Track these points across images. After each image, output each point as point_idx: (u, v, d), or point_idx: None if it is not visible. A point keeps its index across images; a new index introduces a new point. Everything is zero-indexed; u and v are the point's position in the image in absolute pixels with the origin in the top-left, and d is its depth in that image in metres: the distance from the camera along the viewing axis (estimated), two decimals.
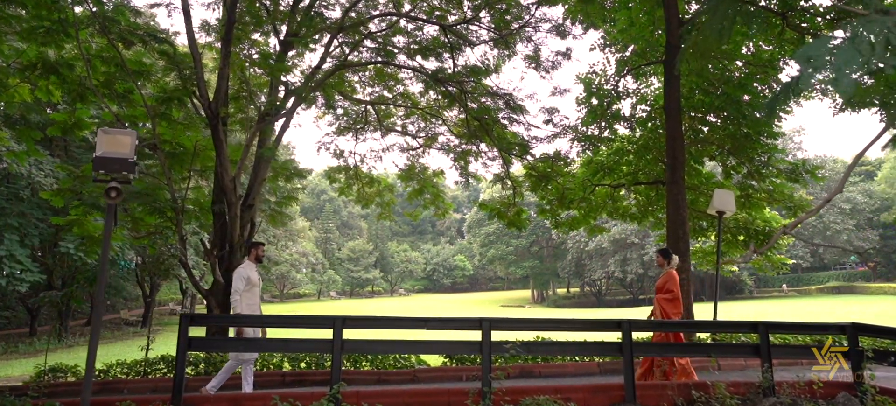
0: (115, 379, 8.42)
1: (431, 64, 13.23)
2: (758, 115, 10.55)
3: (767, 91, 11.83)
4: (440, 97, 14.87)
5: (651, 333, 7.38)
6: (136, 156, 4.35)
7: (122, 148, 4.33)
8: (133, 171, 4.35)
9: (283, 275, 52.10)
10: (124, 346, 22.34)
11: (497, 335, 5.86)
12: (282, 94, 12.20)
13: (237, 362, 6.57)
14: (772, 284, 62.37)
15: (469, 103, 13.01)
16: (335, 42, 12.57)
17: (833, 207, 52.56)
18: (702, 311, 13.30)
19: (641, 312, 40.93)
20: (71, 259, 22.72)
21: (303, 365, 8.95)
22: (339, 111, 16.35)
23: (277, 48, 12.46)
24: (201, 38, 13.91)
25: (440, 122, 15.64)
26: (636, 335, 6.54)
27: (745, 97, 10.85)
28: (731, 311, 33.32)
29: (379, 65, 12.86)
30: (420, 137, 16.35)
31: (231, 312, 6.72)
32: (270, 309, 51.30)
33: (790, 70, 12.21)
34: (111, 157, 4.31)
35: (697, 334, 9.00)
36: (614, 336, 5.89)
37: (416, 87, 20.69)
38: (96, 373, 8.67)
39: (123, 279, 33.89)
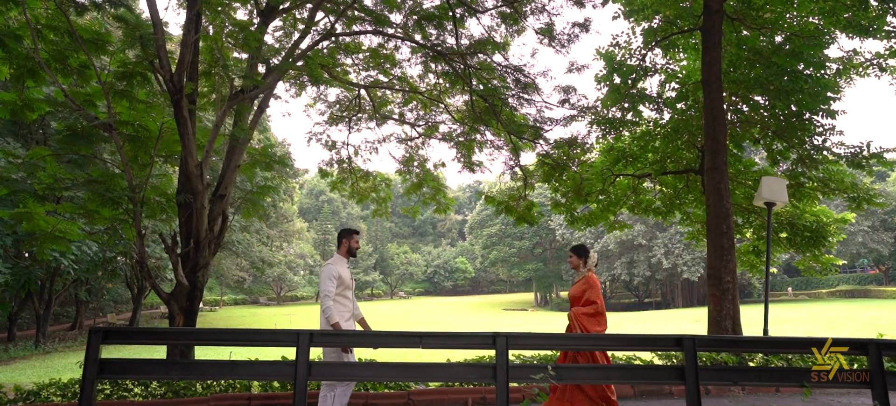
0: (46, 403, 6.93)
1: (432, 39, 11.78)
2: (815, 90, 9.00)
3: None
4: (441, 80, 13.42)
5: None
6: None
7: None
8: None
9: (279, 277, 50.56)
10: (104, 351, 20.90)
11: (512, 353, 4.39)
12: (263, 72, 10.76)
13: (348, 386, 4.94)
14: (778, 288, 60.67)
15: (474, 83, 11.52)
16: (320, 13, 11.10)
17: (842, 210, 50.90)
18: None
19: (647, 316, 39.37)
20: (46, 260, 21.29)
21: (276, 384, 7.48)
22: (331, 98, 14.94)
23: (257, 19, 11.00)
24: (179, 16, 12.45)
25: (441, 109, 14.18)
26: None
27: (799, 66, 9.30)
28: (745, 315, 31.69)
29: (371, 34, 11.37)
30: (419, 126, 14.89)
31: (325, 324, 4.79)
32: (266, 312, 49.82)
33: (841, 42, 10.71)
34: None
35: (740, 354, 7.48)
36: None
37: (414, 70, 19.05)
38: (24, 394, 7.23)
39: (108, 281, 32.44)
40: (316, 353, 5.42)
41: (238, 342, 4.60)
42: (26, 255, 22.77)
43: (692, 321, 30.18)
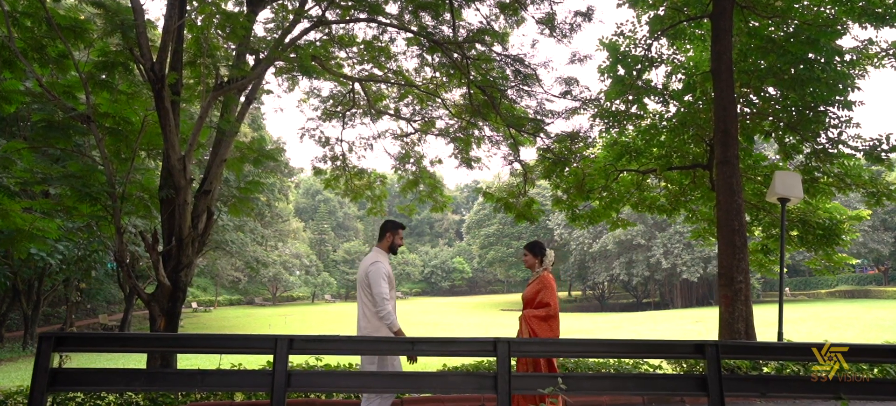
0: None
1: (429, 29, 11.34)
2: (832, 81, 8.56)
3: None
4: (438, 73, 12.98)
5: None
6: None
7: None
8: None
9: (274, 277, 50.02)
10: (91, 357, 20.35)
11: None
12: (252, 63, 10.31)
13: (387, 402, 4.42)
14: (777, 288, 60.31)
15: (472, 74, 11.07)
16: (311, 0, 10.65)
17: (849, 207, 50.53)
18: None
19: (646, 316, 38.91)
20: (33, 260, 20.75)
21: (262, 392, 7.03)
22: (325, 92, 14.51)
23: (246, 8, 10.54)
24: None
25: (438, 104, 13.75)
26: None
27: (810, 55, 8.86)
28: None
29: (364, 22, 10.93)
30: (415, 121, 14.45)
31: (386, 326, 4.31)
32: (262, 312, 49.28)
33: (856, 32, 10.27)
34: None
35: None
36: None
37: (410, 63, 18.60)
38: None
39: (100, 281, 31.88)
40: (296, 360, 4.96)
41: (210, 349, 4.15)
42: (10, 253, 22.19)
43: (693, 322, 29.76)
